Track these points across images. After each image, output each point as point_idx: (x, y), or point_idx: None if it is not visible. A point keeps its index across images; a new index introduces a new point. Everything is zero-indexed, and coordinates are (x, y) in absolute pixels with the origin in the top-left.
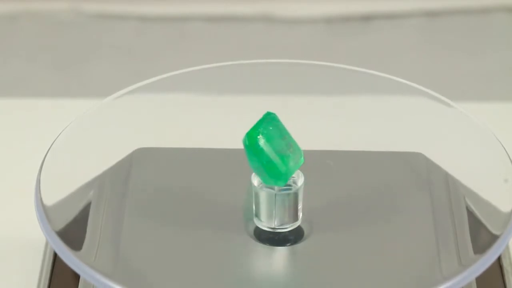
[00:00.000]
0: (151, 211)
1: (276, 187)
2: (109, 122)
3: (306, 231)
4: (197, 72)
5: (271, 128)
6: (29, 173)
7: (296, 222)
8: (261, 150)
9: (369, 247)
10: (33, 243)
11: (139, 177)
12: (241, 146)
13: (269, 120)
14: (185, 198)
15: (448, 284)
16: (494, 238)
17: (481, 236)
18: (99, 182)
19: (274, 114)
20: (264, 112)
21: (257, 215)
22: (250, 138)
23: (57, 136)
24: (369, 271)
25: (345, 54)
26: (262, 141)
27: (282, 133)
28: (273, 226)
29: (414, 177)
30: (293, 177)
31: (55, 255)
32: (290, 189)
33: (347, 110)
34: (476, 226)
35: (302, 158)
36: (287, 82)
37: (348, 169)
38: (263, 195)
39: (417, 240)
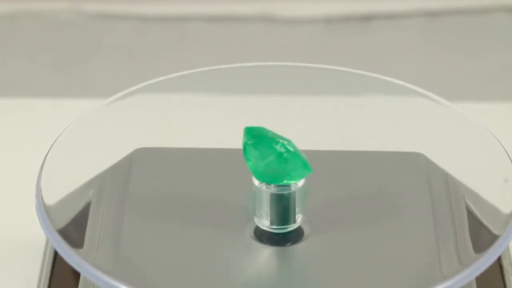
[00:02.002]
0: (151, 211)
1: (275, 187)
2: (109, 122)
3: (306, 231)
4: (197, 74)
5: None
6: (29, 173)
7: (296, 222)
8: (291, 152)
9: (369, 247)
10: (33, 243)
11: (139, 177)
12: (241, 146)
13: (263, 131)
14: (185, 198)
15: (448, 283)
16: (494, 238)
17: (481, 236)
18: (99, 182)
19: (251, 126)
20: (264, 112)
21: (257, 215)
22: (282, 146)
23: (57, 136)
24: (369, 271)
25: (345, 54)
26: (290, 146)
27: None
28: (273, 226)
29: (414, 177)
30: None
31: (55, 255)
32: (290, 189)
33: (347, 110)
34: (476, 226)
35: None
36: (287, 83)
37: (348, 169)
38: (263, 195)
39: (417, 240)
